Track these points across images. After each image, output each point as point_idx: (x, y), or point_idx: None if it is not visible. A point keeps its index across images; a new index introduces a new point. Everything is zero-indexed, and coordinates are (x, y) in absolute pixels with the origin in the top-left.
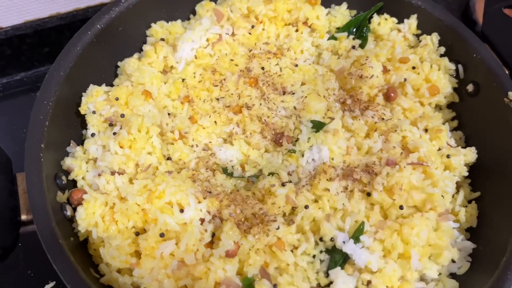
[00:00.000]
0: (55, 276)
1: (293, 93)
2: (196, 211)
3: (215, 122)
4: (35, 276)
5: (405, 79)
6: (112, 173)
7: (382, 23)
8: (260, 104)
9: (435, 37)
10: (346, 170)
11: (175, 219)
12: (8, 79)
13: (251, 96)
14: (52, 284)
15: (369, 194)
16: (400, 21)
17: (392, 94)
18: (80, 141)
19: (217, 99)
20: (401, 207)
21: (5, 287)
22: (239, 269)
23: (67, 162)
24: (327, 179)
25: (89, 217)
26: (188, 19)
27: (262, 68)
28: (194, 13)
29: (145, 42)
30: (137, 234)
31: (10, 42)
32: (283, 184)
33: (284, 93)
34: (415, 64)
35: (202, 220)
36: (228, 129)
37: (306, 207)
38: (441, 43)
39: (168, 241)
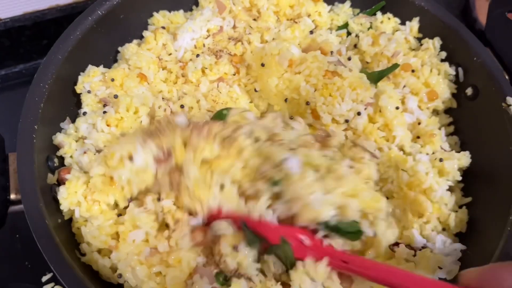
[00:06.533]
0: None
1: None
2: (145, 153)
3: None
4: (32, 267)
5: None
6: (98, 151)
7: (385, 22)
8: None
9: (437, 41)
10: None
11: (128, 169)
12: (7, 71)
13: None
14: (49, 275)
15: None
16: (403, 22)
17: None
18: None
19: None
20: None
21: (1, 279)
22: None
23: (59, 138)
24: None
25: (70, 196)
26: (191, 10)
27: None
28: (197, 4)
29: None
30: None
31: (9, 34)
32: None
33: None
34: (415, 67)
35: (159, 161)
36: None
37: None
38: (442, 46)
39: (138, 230)
